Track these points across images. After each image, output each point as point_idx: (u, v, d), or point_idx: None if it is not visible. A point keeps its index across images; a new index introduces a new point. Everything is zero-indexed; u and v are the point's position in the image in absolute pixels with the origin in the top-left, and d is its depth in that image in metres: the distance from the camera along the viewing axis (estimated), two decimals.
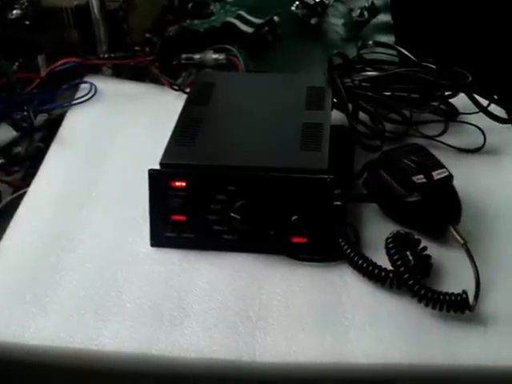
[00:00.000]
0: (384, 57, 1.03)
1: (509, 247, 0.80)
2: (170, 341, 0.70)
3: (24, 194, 0.89)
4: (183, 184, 0.77)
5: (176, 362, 0.69)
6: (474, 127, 0.96)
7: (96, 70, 1.12)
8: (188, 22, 1.20)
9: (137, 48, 1.12)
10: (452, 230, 0.78)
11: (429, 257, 0.76)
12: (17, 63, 1.08)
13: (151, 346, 0.70)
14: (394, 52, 1.01)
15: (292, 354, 0.69)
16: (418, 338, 0.70)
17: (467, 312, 0.71)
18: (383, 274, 0.74)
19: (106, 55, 1.10)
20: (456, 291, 0.72)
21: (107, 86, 1.10)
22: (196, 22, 1.21)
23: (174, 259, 0.79)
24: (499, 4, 1.17)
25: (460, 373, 0.69)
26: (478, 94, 0.96)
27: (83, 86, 1.09)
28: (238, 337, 0.70)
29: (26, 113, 1.01)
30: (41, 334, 0.71)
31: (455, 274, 0.76)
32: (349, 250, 0.75)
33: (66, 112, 1.05)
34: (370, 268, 0.75)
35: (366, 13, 1.24)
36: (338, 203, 0.76)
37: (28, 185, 0.91)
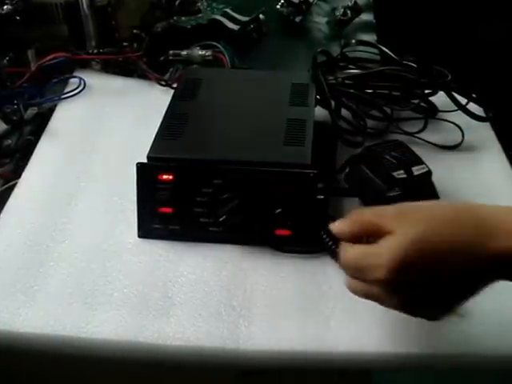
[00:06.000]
0: (366, 55, 1.04)
1: None
2: (157, 329, 0.72)
3: (14, 185, 0.90)
4: (170, 177, 0.78)
5: (162, 350, 0.71)
6: (452, 125, 0.98)
7: (85, 65, 1.13)
8: (175, 18, 1.20)
9: (125, 44, 1.11)
10: None
11: None
12: (7, 58, 1.08)
13: (138, 333, 0.71)
14: (375, 50, 1.02)
15: (274, 343, 0.71)
16: (396, 329, 0.72)
17: None
18: None
19: (95, 50, 1.11)
20: None
21: (96, 81, 1.10)
22: (183, 18, 1.21)
23: (160, 250, 0.81)
24: (478, 5, 1.18)
25: (435, 362, 0.71)
26: (457, 93, 0.97)
27: (72, 80, 1.10)
28: (222, 325, 0.72)
29: (16, 106, 1.01)
30: (30, 322, 0.72)
31: None
32: (330, 243, 0.75)
33: (55, 106, 1.05)
34: None
35: (349, 12, 1.24)
36: (321, 197, 0.77)
37: (18, 177, 0.92)
